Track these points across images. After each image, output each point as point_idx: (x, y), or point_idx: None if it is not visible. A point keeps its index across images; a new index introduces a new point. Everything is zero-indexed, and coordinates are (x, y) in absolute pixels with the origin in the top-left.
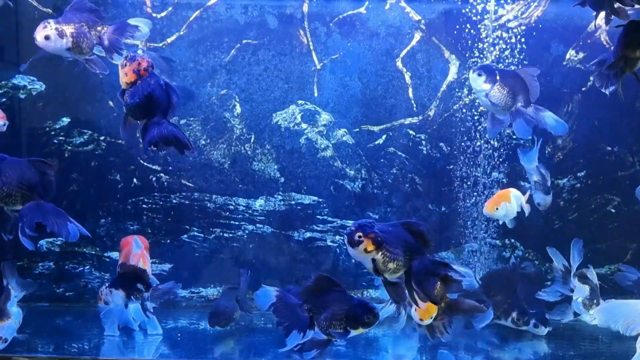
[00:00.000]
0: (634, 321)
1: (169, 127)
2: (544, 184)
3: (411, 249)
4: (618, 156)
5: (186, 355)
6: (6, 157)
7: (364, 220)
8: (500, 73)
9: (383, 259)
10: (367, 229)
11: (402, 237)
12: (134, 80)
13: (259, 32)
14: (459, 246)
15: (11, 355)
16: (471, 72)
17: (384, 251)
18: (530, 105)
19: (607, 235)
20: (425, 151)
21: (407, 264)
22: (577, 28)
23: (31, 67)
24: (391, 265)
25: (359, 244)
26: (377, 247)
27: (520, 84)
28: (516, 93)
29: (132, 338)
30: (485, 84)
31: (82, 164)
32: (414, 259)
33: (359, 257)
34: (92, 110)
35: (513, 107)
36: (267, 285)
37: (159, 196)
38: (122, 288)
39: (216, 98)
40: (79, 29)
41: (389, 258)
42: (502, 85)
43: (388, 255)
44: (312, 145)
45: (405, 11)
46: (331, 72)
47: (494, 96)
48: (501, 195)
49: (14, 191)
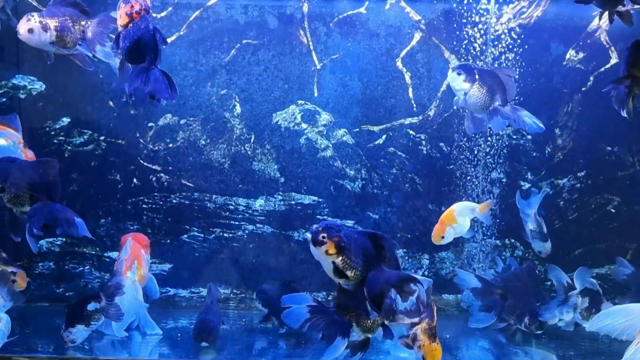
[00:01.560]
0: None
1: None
2: (540, 232)
3: (371, 260)
4: (618, 156)
5: (186, 355)
6: (16, 159)
7: (332, 222)
8: (479, 72)
9: (342, 264)
10: (333, 232)
11: (365, 246)
12: (126, 23)
13: (259, 32)
14: (458, 246)
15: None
16: (450, 71)
17: (344, 257)
18: (508, 105)
19: (607, 235)
20: (425, 151)
21: (364, 273)
22: (577, 28)
23: (31, 67)
24: (349, 273)
25: (322, 244)
26: (338, 252)
27: (498, 83)
28: (494, 92)
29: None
30: (465, 83)
31: (82, 164)
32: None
33: (320, 258)
34: (92, 110)
35: (491, 106)
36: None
37: (159, 196)
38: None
39: (216, 98)
40: (63, 23)
41: (348, 265)
42: (480, 85)
43: (348, 262)
44: (312, 145)
45: (405, 11)
46: (331, 72)
47: (473, 95)
48: (443, 221)
49: (22, 192)
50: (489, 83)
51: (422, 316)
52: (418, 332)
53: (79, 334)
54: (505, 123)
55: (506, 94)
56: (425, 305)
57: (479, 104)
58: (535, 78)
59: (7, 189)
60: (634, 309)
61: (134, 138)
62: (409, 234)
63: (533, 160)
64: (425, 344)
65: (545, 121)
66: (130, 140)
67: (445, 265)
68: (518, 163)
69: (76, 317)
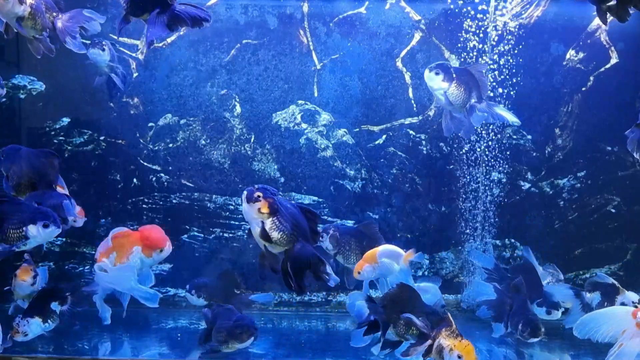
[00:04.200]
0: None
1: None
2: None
3: (299, 232)
4: (618, 156)
5: (186, 355)
6: (21, 148)
7: (269, 186)
8: (455, 71)
9: (271, 225)
10: (268, 193)
11: (297, 218)
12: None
13: (259, 32)
14: (458, 246)
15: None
16: (427, 72)
17: (274, 219)
18: (483, 101)
19: (607, 235)
20: (425, 151)
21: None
22: (577, 28)
23: (31, 67)
24: (275, 235)
25: (256, 202)
26: (270, 212)
27: (472, 80)
28: (471, 89)
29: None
30: (444, 82)
31: (82, 164)
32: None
33: (250, 216)
34: (92, 110)
35: (467, 103)
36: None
37: (159, 196)
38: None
39: (216, 98)
40: (39, 4)
41: (276, 227)
42: (458, 83)
43: (277, 224)
44: (312, 145)
45: (405, 11)
46: (331, 72)
47: (452, 94)
48: (365, 257)
49: (24, 180)
50: (465, 81)
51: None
52: (441, 342)
53: (34, 327)
54: (482, 117)
55: (480, 90)
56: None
57: (458, 102)
58: (535, 78)
59: (10, 176)
60: (616, 312)
61: (134, 138)
62: (409, 234)
63: (533, 160)
64: (455, 344)
65: (545, 121)
66: (130, 140)
67: (445, 265)
68: (518, 163)
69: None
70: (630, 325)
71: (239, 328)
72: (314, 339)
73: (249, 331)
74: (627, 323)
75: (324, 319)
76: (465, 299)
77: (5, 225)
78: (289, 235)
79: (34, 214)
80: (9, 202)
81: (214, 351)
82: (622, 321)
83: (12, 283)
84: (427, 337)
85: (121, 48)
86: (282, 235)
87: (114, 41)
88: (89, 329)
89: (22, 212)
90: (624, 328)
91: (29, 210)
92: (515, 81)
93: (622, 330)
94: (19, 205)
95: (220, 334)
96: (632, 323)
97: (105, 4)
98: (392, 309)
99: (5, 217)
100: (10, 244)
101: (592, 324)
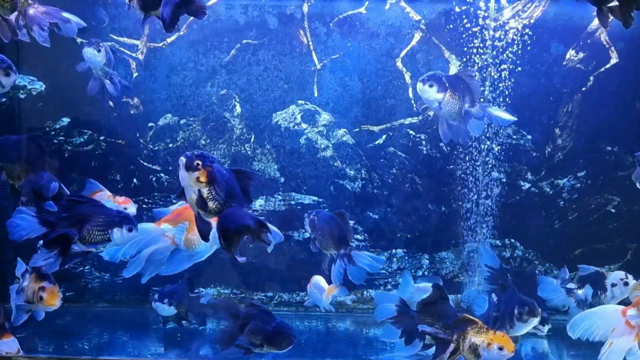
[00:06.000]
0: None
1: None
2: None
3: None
4: (618, 156)
5: (186, 355)
6: (11, 137)
7: (207, 153)
8: (447, 80)
9: (208, 195)
10: (207, 161)
11: (230, 183)
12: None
13: (259, 32)
14: (458, 246)
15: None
16: (420, 84)
17: (211, 189)
18: (476, 105)
19: (607, 235)
20: (425, 151)
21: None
22: (577, 28)
23: (31, 67)
24: (211, 205)
25: (195, 170)
26: (208, 182)
27: (464, 86)
28: (464, 95)
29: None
30: (438, 93)
31: (82, 164)
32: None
33: (187, 184)
34: (92, 110)
35: (462, 110)
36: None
37: (159, 196)
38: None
39: (216, 98)
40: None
41: (212, 197)
42: (452, 92)
43: (213, 194)
44: (312, 145)
45: (405, 11)
46: (331, 72)
47: (448, 103)
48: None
49: (16, 167)
50: (458, 88)
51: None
52: (472, 340)
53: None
54: (483, 125)
55: (472, 94)
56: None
57: (454, 111)
58: (535, 78)
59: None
60: (606, 311)
61: (134, 138)
62: (409, 234)
63: (533, 160)
64: (491, 338)
65: (545, 121)
66: (130, 140)
67: (445, 265)
68: (518, 163)
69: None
70: (619, 323)
71: (280, 336)
72: (314, 339)
73: (289, 340)
74: (616, 321)
75: (324, 319)
76: (466, 299)
77: (88, 226)
78: (223, 205)
79: (120, 218)
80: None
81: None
82: (612, 319)
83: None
84: (448, 342)
85: (121, 48)
86: (216, 204)
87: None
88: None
89: (107, 214)
90: (613, 326)
91: (113, 214)
92: (515, 81)
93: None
94: (102, 208)
95: (256, 337)
96: (622, 321)
97: (105, 3)
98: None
99: (87, 218)
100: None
101: (583, 323)
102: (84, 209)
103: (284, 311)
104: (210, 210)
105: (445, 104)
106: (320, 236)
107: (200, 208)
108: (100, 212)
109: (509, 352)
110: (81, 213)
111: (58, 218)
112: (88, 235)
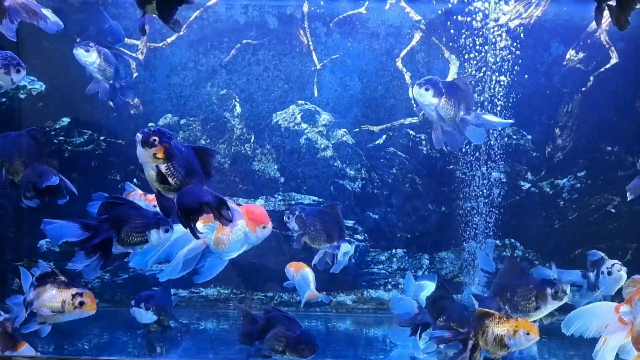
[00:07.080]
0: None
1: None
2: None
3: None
4: (618, 156)
5: (187, 355)
6: (8, 133)
7: (164, 129)
8: (444, 85)
9: (166, 171)
10: (165, 137)
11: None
12: None
13: (259, 32)
14: (458, 246)
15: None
16: (417, 88)
17: (169, 165)
18: (472, 112)
19: (607, 235)
20: (425, 151)
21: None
22: (577, 28)
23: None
24: (171, 181)
25: (152, 147)
26: (166, 158)
27: (460, 92)
28: (460, 102)
29: None
30: (434, 97)
31: (82, 164)
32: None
33: (145, 160)
34: (92, 110)
35: (457, 116)
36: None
37: None
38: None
39: (216, 98)
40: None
41: (171, 173)
42: (448, 97)
43: (172, 170)
44: (312, 145)
45: (405, 11)
46: (331, 72)
47: (443, 108)
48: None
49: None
50: (454, 94)
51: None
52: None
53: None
54: (483, 132)
55: (468, 101)
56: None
57: (449, 116)
58: (535, 78)
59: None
60: (600, 307)
61: (134, 138)
62: (409, 234)
63: (533, 160)
64: (515, 325)
65: (545, 121)
66: (130, 140)
67: (445, 265)
68: (518, 163)
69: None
70: (612, 320)
71: (304, 344)
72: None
73: (312, 349)
74: (609, 318)
75: (324, 319)
76: (466, 299)
77: (127, 228)
78: (182, 181)
79: (156, 219)
80: (128, 205)
81: (265, 356)
82: (605, 316)
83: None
84: (467, 339)
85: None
86: (176, 181)
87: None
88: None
89: (144, 216)
90: (606, 323)
91: (150, 215)
92: (515, 81)
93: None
94: (139, 210)
95: (279, 343)
96: (615, 318)
97: (105, 3)
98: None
99: (125, 220)
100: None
101: (578, 320)
102: (122, 211)
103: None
104: (170, 187)
105: (440, 109)
106: (313, 231)
107: (160, 184)
108: (137, 214)
109: (535, 335)
110: (119, 215)
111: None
112: (126, 237)
